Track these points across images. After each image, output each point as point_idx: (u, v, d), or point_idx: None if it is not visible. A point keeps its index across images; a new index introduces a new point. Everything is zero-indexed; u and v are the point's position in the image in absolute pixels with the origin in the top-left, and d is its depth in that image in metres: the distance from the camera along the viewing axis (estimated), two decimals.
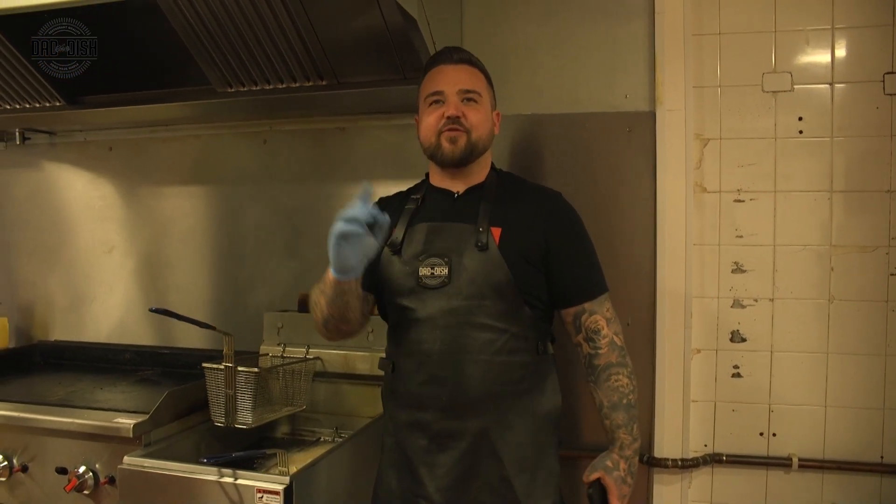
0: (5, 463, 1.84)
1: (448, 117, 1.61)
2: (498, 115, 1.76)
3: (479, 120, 1.64)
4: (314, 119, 2.42)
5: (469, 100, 1.64)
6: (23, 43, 2.15)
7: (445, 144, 1.63)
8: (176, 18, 1.96)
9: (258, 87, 2.14)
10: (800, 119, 2.07)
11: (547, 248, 1.61)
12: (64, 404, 1.91)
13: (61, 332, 2.74)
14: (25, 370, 2.49)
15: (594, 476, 1.60)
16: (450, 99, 1.63)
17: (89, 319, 2.69)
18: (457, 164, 1.66)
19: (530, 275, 1.59)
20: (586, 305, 1.63)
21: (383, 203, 1.80)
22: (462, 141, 1.62)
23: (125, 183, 2.66)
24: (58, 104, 2.35)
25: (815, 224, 2.06)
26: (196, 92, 2.23)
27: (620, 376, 1.61)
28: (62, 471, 1.78)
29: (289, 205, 2.46)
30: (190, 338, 2.53)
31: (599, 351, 1.62)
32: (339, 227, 1.38)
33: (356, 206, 1.39)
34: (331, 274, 1.49)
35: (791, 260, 2.07)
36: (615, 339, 1.63)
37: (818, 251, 2.06)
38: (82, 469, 1.76)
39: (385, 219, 1.43)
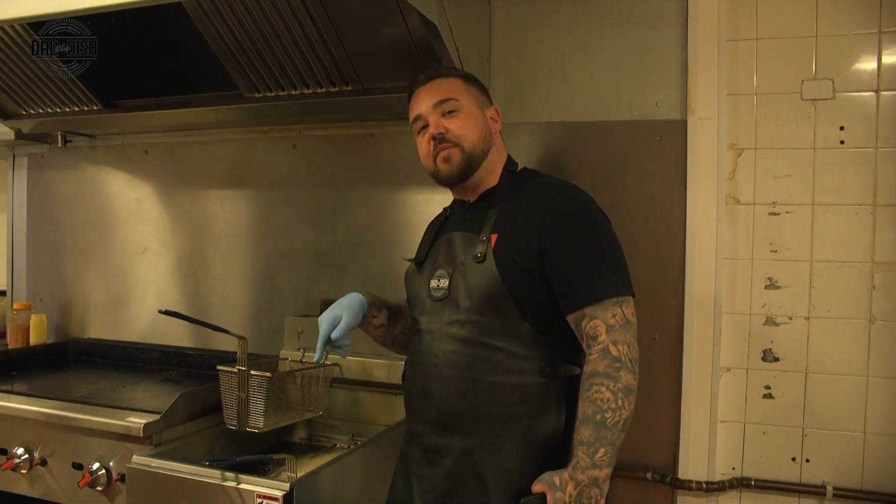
0: (26, 456, 1.88)
1: (433, 138, 1.57)
2: (496, 110, 1.67)
3: (464, 128, 1.57)
4: (342, 125, 2.42)
5: (449, 111, 1.58)
6: None
7: (441, 166, 1.58)
8: (203, 25, 1.99)
9: (285, 93, 2.17)
10: (841, 129, 1.97)
11: (540, 248, 1.47)
12: (84, 401, 1.94)
13: (97, 330, 2.80)
14: (58, 366, 2.56)
15: (538, 488, 1.40)
16: (429, 119, 1.59)
17: (123, 319, 2.75)
18: (459, 181, 1.61)
19: (526, 283, 1.47)
20: (586, 310, 1.42)
21: (429, 224, 1.79)
22: (456, 158, 1.57)
23: (159, 185, 2.71)
24: (95, 108, 2.43)
25: (857, 239, 1.95)
26: (224, 97, 2.27)
27: (602, 388, 1.37)
28: (78, 466, 1.82)
29: (317, 210, 2.47)
30: (222, 339, 2.53)
31: (590, 358, 1.40)
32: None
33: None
34: None
35: (829, 277, 1.97)
36: (611, 347, 1.39)
37: (859, 268, 1.95)
38: (96, 466, 1.78)
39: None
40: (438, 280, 1.57)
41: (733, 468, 2.04)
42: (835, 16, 1.97)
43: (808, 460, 1.98)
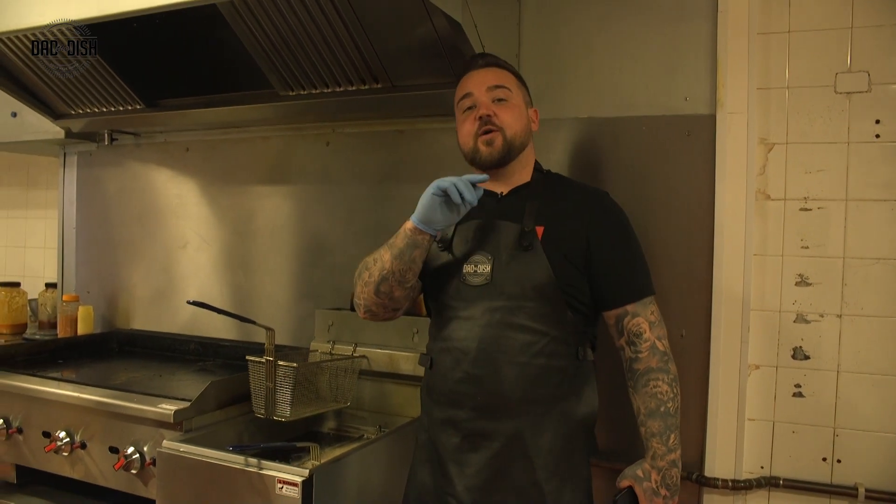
0: (68, 439, 1.97)
1: (480, 118, 1.62)
2: (535, 112, 1.76)
3: (511, 117, 1.64)
4: (374, 122, 2.46)
5: (499, 99, 1.65)
6: (105, 49, 2.30)
7: (482, 148, 1.64)
8: (238, 26, 2.05)
9: (317, 91, 2.22)
10: (877, 122, 1.92)
11: (589, 248, 1.59)
12: (122, 389, 2.03)
13: (141, 321, 2.91)
14: (101, 355, 2.67)
15: (624, 483, 1.56)
16: (480, 99, 1.65)
17: (165, 311, 2.85)
18: (497, 165, 1.66)
19: (573, 276, 1.57)
20: (628, 308, 1.59)
21: None
22: (498, 141, 1.63)
23: (200, 182, 2.80)
24: (139, 107, 2.52)
25: (892, 235, 1.90)
26: (260, 95, 2.34)
27: (660, 382, 1.56)
28: (114, 450, 1.90)
29: (351, 205, 2.51)
30: (261, 331, 2.62)
31: (640, 355, 1.58)
32: (445, 184, 1.47)
33: (468, 186, 1.47)
34: (410, 223, 1.55)
35: (862, 274, 1.92)
36: (657, 343, 1.58)
37: (894, 265, 1.90)
38: (131, 450, 1.86)
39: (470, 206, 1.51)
40: (476, 265, 1.59)
41: (762, 467, 2.00)
42: (871, 6, 1.92)
43: (839, 461, 1.94)
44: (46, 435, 2.01)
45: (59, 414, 2.01)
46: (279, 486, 1.54)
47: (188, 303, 1.77)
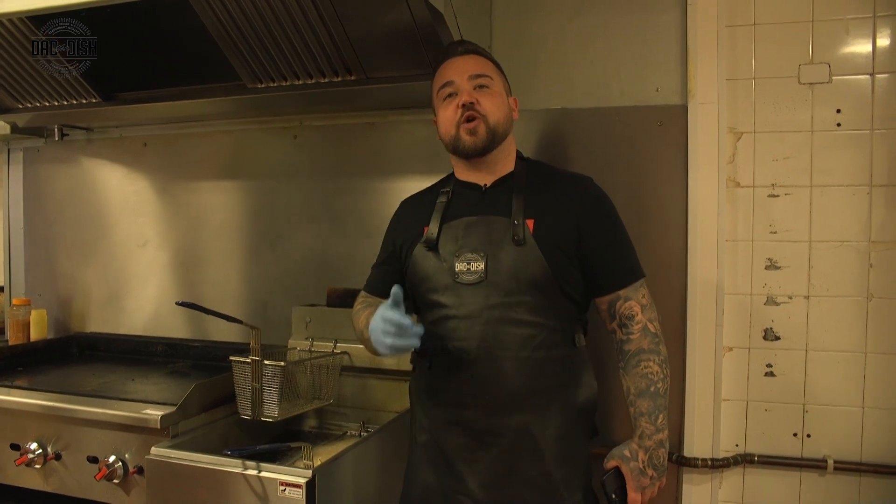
0: (40, 451, 1.88)
1: (463, 105, 1.60)
2: (515, 101, 1.74)
3: (493, 105, 1.63)
4: (343, 114, 2.43)
5: (481, 86, 1.63)
6: None
7: (465, 136, 1.61)
8: (206, 14, 1.98)
9: (287, 83, 2.16)
10: (838, 111, 2.01)
11: (580, 236, 1.59)
12: (96, 395, 1.95)
13: (98, 324, 2.80)
14: (62, 361, 2.56)
15: (611, 464, 1.57)
16: (462, 86, 1.63)
17: (124, 312, 2.75)
18: (480, 154, 1.64)
19: (567, 267, 1.58)
20: (621, 292, 1.60)
21: (410, 203, 1.81)
22: (481, 130, 1.61)
23: (159, 178, 2.70)
24: (93, 101, 2.41)
25: (854, 219, 2.00)
26: (226, 88, 2.26)
27: (651, 363, 1.57)
28: (93, 460, 1.82)
29: (320, 200, 2.47)
30: (222, 331, 2.56)
31: (631, 336, 1.59)
32: (389, 342, 1.44)
33: (400, 322, 1.42)
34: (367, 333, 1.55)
35: (828, 256, 2.01)
36: (649, 325, 1.59)
37: (857, 247, 1.99)
38: (112, 458, 1.79)
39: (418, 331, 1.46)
40: (468, 263, 1.58)
41: (737, 445, 2.08)
42: (831, 0, 2.00)
43: (809, 435, 2.03)
44: (15, 447, 1.92)
45: (27, 425, 1.92)
46: (281, 488, 1.51)
47: (177, 304, 1.71)
